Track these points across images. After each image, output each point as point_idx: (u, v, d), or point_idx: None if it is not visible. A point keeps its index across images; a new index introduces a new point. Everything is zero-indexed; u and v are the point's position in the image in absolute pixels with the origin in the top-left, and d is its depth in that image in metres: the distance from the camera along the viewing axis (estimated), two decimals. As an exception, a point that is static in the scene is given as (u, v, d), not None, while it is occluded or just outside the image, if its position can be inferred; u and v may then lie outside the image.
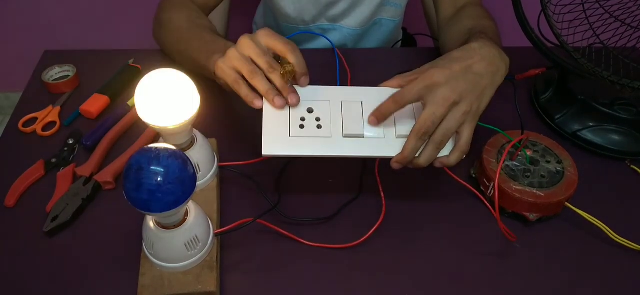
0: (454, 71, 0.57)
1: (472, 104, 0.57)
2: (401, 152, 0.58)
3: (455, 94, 0.56)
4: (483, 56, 0.59)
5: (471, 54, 0.59)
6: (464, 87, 0.56)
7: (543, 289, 0.58)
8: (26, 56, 1.29)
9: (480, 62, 0.58)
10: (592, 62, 0.72)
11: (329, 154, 0.59)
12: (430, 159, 0.58)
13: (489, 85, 0.58)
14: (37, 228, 0.60)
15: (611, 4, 0.71)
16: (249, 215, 0.59)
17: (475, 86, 0.57)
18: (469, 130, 0.57)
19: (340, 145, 0.59)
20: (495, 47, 0.61)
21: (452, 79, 0.56)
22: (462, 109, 0.56)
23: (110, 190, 0.66)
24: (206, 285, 0.53)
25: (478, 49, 0.60)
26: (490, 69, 0.59)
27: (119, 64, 0.84)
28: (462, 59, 0.58)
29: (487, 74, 0.58)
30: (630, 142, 0.73)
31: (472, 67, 0.58)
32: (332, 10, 0.96)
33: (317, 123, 0.61)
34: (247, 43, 0.60)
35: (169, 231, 0.51)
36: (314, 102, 0.62)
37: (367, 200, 0.65)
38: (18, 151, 0.71)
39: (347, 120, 0.61)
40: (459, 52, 0.60)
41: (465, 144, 0.58)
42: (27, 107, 0.77)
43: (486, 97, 0.59)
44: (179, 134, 0.57)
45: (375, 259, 0.60)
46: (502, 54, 0.61)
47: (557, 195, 0.62)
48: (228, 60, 0.61)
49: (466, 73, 0.57)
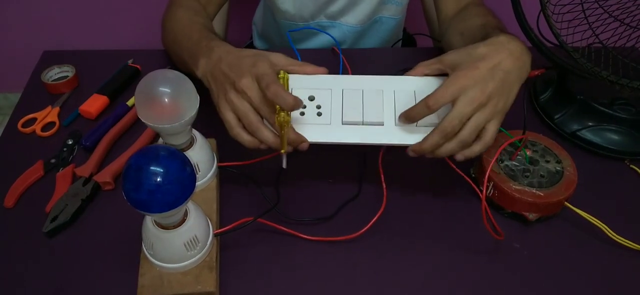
0: (482, 71, 0.56)
1: (500, 102, 0.57)
2: (420, 143, 0.58)
3: (484, 96, 0.55)
4: (511, 51, 0.58)
5: (499, 49, 0.58)
6: (492, 88, 0.56)
7: (543, 289, 0.58)
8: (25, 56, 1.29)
9: (508, 58, 0.57)
10: (591, 61, 0.72)
11: (328, 140, 0.59)
12: (452, 153, 0.58)
13: (516, 81, 0.58)
14: (37, 228, 0.60)
15: (610, 3, 0.71)
16: (248, 216, 0.59)
17: (504, 84, 0.57)
18: (495, 126, 0.57)
19: (339, 132, 0.60)
20: (521, 41, 0.61)
21: (481, 80, 0.56)
22: (489, 108, 0.56)
23: (109, 191, 0.66)
24: (205, 286, 0.53)
25: (506, 43, 0.59)
26: (518, 64, 0.58)
27: (118, 64, 0.84)
28: (489, 56, 0.57)
29: (514, 70, 0.58)
30: (629, 141, 0.73)
31: (500, 64, 0.57)
32: (331, 7, 0.95)
33: (317, 110, 0.61)
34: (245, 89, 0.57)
35: (169, 231, 0.51)
36: (316, 91, 0.62)
37: (367, 200, 0.65)
38: (17, 152, 0.71)
39: (347, 108, 0.61)
40: (486, 46, 0.59)
41: (490, 139, 0.57)
42: (26, 107, 0.77)
43: (513, 93, 0.58)
44: (179, 134, 0.57)
45: (375, 259, 0.60)
46: (526, 49, 0.61)
47: (556, 195, 0.62)
48: (230, 104, 0.58)
49: (494, 72, 0.56)
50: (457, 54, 0.60)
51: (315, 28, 0.98)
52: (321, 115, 0.61)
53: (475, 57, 0.58)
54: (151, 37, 0.86)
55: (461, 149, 0.58)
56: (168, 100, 0.53)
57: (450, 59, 0.60)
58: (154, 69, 0.55)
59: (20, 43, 1.68)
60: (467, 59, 0.58)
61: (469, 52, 0.59)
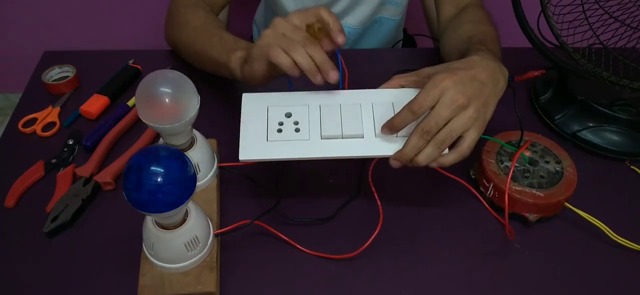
0: (461, 77, 0.57)
1: (479, 109, 0.57)
2: (401, 149, 0.58)
3: (464, 98, 0.56)
4: (484, 67, 0.60)
5: (472, 65, 0.60)
6: (471, 92, 0.56)
7: (543, 289, 0.58)
8: (26, 57, 1.29)
9: (483, 72, 0.59)
10: (592, 62, 0.72)
11: (307, 156, 0.59)
12: (430, 158, 0.57)
13: (492, 94, 0.59)
14: (37, 228, 0.60)
15: (611, 4, 0.71)
16: (248, 216, 0.59)
17: (481, 93, 0.57)
18: (473, 136, 0.57)
19: (319, 146, 0.59)
20: (494, 60, 0.62)
21: (461, 83, 0.56)
22: (469, 113, 0.56)
23: (110, 191, 0.66)
24: (206, 286, 0.53)
25: (478, 61, 0.60)
26: (492, 79, 0.60)
27: (119, 64, 0.84)
28: (464, 68, 0.59)
29: (489, 83, 0.59)
30: (629, 142, 0.73)
31: (476, 75, 0.58)
32: (332, 8, 0.95)
33: (295, 127, 0.60)
34: (281, 23, 0.60)
35: (169, 232, 0.51)
36: (293, 107, 0.62)
37: (367, 199, 0.65)
38: (18, 152, 0.71)
39: (325, 122, 0.60)
40: (460, 62, 0.61)
41: (466, 149, 0.57)
42: (27, 107, 0.77)
43: (491, 106, 0.59)
44: (179, 134, 0.57)
45: (375, 259, 0.60)
46: (501, 67, 0.62)
47: (556, 195, 0.62)
48: (265, 38, 0.60)
49: (472, 80, 0.58)
50: (434, 68, 0.61)
51: None
52: (299, 131, 0.60)
53: (453, 67, 0.59)
54: (152, 38, 0.86)
55: (439, 153, 0.57)
56: (169, 100, 0.53)
57: (427, 71, 0.61)
58: (155, 69, 0.55)
59: (21, 43, 1.68)
60: (445, 69, 0.59)
61: (446, 66, 0.60)
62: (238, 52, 0.66)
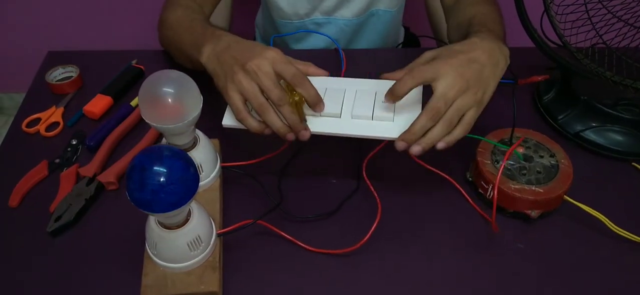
0: (460, 60, 0.60)
1: (478, 91, 0.59)
2: (409, 128, 0.59)
3: (463, 80, 0.58)
4: (484, 49, 0.62)
5: (472, 47, 0.62)
6: (470, 75, 0.59)
7: (545, 288, 0.58)
8: (29, 57, 1.30)
9: (482, 54, 0.61)
10: (595, 62, 0.72)
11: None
12: (439, 137, 0.59)
13: (491, 76, 0.61)
14: (41, 228, 0.60)
15: (614, 4, 0.71)
16: (251, 216, 0.60)
17: (480, 76, 0.60)
18: (473, 114, 0.60)
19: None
20: (494, 40, 0.64)
21: (459, 66, 0.59)
22: (470, 95, 0.59)
23: (113, 191, 0.66)
24: (209, 286, 0.53)
25: (478, 42, 0.63)
26: (491, 60, 0.62)
27: (122, 64, 0.85)
28: (464, 51, 0.61)
29: (488, 65, 0.61)
30: (633, 142, 0.73)
31: (475, 58, 0.60)
32: (326, 1, 0.95)
33: None
34: (255, 70, 0.59)
35: (172, 231, 0.51)
36: None
37: (368, 196, 0.65)
38: (21, 152, 0.71)
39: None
40: (460, 45, 0.63)
41: (468, 124, 0.60)
42: (31, 107, 0.77)
43: (490, 88, 0.61)
44: (182, 134, 0.57)
45: (375, 258, 0.60)
46: (500, 47, 0.64)
47: (555, 189, 0.62)
48: (237, 84, 0.59)
49: (470, 63, 0.60)
50: (436, 51, 0.64)
51: (310, 29, 0.98)
52: None
53: (452, 50, 0.62)
54: (155, 38, 0.86)
55: (447, 132, 0.59)
56: (172, 100, 0.53)
57: (428, 55, 0.64)
58: (158, 69, 0.55)
59: (24, 44, 1.69)
60: (445, 51, 0.62)
61: (446, 49, 0.63)
62: (207, 45, 0.64)
